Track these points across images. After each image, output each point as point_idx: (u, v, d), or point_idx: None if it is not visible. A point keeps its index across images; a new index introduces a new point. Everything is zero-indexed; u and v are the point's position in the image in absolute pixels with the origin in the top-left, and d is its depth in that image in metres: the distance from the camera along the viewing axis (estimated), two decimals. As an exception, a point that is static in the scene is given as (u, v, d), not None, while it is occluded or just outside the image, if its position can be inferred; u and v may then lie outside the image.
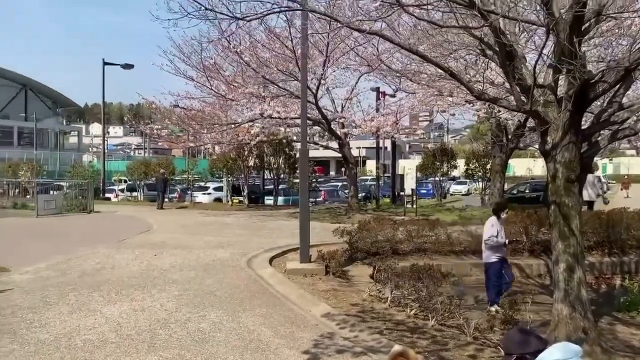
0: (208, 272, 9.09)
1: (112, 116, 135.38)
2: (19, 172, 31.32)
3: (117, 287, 7.78)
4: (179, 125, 21.53)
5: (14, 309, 6.58)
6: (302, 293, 7.73)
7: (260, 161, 24.12)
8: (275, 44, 16.10)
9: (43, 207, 19.58)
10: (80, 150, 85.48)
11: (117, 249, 11.61)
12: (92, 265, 9.59)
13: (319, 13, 7.33)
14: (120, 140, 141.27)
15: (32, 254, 11.03)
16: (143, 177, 31.16)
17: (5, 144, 71.09)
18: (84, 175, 29.30)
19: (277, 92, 17.09)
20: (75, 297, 7.22)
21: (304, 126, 9.64)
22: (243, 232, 14.64)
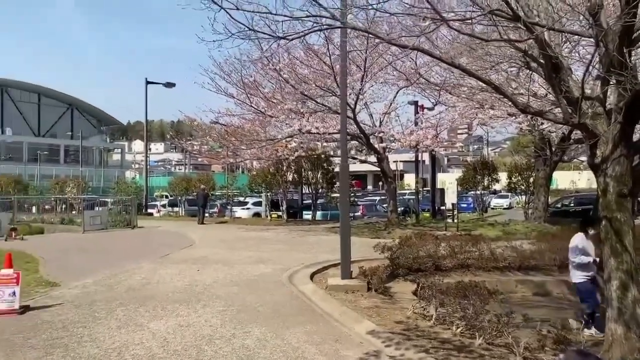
0: (250, 287, 9.14)
1: (153, 133, 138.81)
2: (66, 188, 32.41)
3: (162, 303, 7.91)
4: (219, 142, 21.90)
5: (64, 323, 6.77)
6: (344, 310, 7.68)
7: (299, 176, 24.29)
8: (313, 61, 16.27)
9: (89, 222, 20.18)
10: (124, 167, 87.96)
11: (161, 264, 11.83)
12: (137, 281, 9.79)
13: (360, 30, 7.36)
14: (161, 157, 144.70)
15: (80, 269, 11.35)
16: (184, 193, 31.79)
17: (52, 161, 73.86)
18: (128, 192, 30.15)
19: (315, 107, 17.25)
20: (122, 312, 7.37)
21: (343, 142, 9.65)
22: (283, 247, 14.70)
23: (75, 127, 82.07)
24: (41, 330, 6.44)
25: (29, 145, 74.29)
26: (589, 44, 11.68)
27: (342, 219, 9.65)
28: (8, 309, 7.17)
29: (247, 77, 17.35)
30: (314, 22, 6.94)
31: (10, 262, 7.53)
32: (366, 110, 18.30)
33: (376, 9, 5.76)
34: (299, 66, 16.09)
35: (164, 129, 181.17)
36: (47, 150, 75.96)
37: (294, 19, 6.83)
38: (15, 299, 7.22)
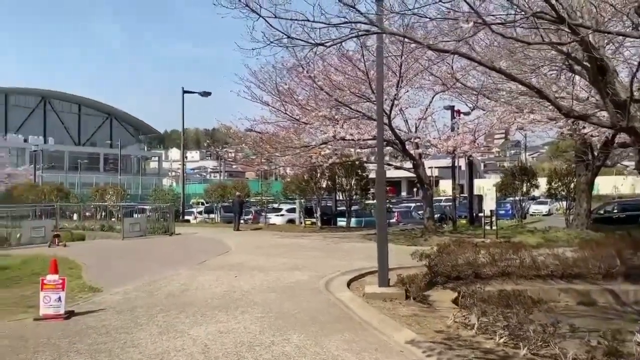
0: (287, 294, 9.15)
1: (189, 141, 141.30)
2: (106, 196, 33.20)
3: (202, 309, 7.99)
4: (254, 149, 22.10)
5: (107, 328, 6.89)
6: (383, 318, 7.59)
7: (333, 183, 24.27)
8: (347, 67, 16.26)
9: (128, 229, 20.61)
10: (161, 174, 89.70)
11: (199, 270, 11.97)
12: (176, 287, 9.92)
13: (399, 35, 7.31)
14: (197, 164, 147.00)
15: (121, 275, 11.58)
16: (220, 200, 32.17)
17: (92, 170, 75.93)
18: (165, 199, 30.67)
19: (349, 114, 17.22)
20: (163, 318, 7.47)
21: (380, 148, 9.58)
22: (318, 254, 14.68)
23: (114, 136, 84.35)
24: (86, 335, 6.57)
25: (70, 154, 76.59)
26: (634, 45, 11.32)
27: (379, 226, 9.57)
28: (54, 314, 7.35)
29: (281, 84, 17.47)
30: (351, 28, 6.93)
31: (55, 268, 7.73)
32: (401, 116, 18.19)
33: (415, 13, 5.72)
34: (333, 73, 16.10)
35: (200, 137, 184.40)
36: (87, 158, 78.17)
37: (331, 26, 6.84)
38: (61, 304, 7.40)
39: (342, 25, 6.82)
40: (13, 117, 75.60)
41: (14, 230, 19.87)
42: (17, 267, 13.09)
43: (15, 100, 77.33)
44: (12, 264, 13.34)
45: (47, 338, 6.44)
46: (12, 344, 6.21)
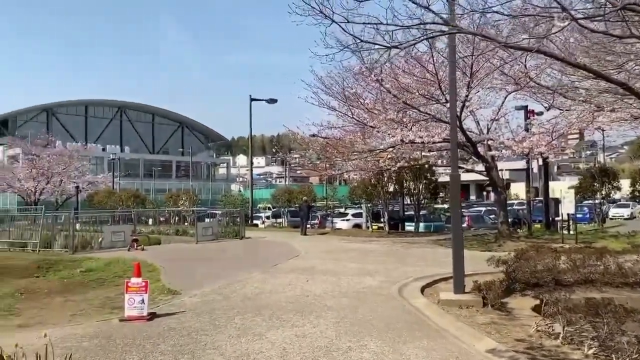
0: (360, 300, 9.09)
1: (255, 147, 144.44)
2: (179, 201, 34.43)
3: (277, 312, 8.08)
4: (321, 154, 22.22)
5: (188, 330, 7.10)
6: (461, 326, 7.38)
7: (400, 187, 23.97)
8: (416, 69, 16.03)
9: (201, 233, 21.24)
10: (229, 180, 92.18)
11: (271, 274, 12.15)
12: (251, 290, 10.10)
13: (475, 34, 7.11)
14: (263, 170, 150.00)
15: (197, 277, 11.94)
16: (286, 205, 32.59)
17: (165, 176, 79.13)
18: (235, 204, 31.44)
19: (418, 116, 16.97)
20: (240, 320, 7.61)
21: (454, 151, 9.36)
22: (387, 260, 14.53)
23: (185, 144, 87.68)
24: (168, 336, 6.80)
25: (144, 161, 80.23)
26: None
27: (454, 231, 9.33)
28: (138, 316, 7.67)
29: (347, 89, 17.48)
30: (425, 29, 6.82)
31: (139, 271, 8.06)
32: (472, 118, 17.72)
33: (495, 11, 5.53)
34: (400, 75, 15.93)
35: (265, 144, 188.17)
36: (161, 166, 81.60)
37: (404, 28, 6.77)
38: (144, 306, 7.71)
39: (414, 27, 6.73)
40: (92, 128, 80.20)
41: (96, 235, 20.99)
42: (101, 269, 13.80)
43: (94, 111, 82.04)
44: (96, 267, 14.08)
45: (133, 339, 6.72)
46: (101, 344, 6.52)
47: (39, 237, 19.28)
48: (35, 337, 6.78)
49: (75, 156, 41.24)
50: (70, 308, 9.32)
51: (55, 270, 14.55)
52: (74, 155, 41.31)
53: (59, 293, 10.99)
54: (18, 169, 39.68)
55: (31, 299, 10.62)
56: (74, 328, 7.42)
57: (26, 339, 6.60)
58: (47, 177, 38.19)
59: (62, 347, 6.21)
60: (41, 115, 75.95)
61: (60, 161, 39.25)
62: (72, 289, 11.39)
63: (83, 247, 19.08)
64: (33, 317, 8.66)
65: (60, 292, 11.15)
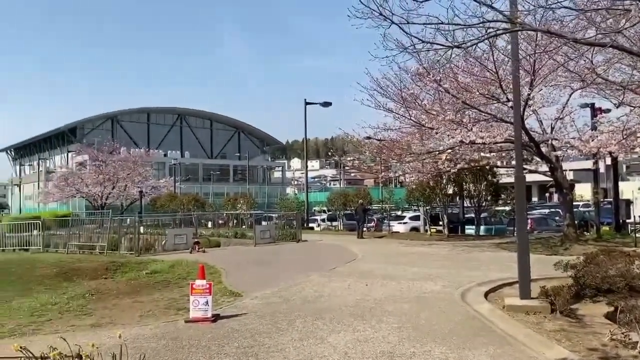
0: (421, 304, 8.94)
1: (309, 151, 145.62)
2: (237, 205, 35.11)
3: (337, 316, 8.06)
4: (378, 156, 22.08)
5: (252, 332, 7.20)
6: (528, 332, 7.11)
7: (460, 189, 23.45)
8: (475, 68, 15.66)
9: (260, 236, 21.57)
10: (284, 183, 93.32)
11: (329, 277, 12.15)
12: (310, 293, 10.14)
13: (541, 31, 6.84)
14: (317, 173, 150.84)
15: (258, 280, 12.11)
16: (342, 207, 32.56)
17: (223, 180, 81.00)
18: (291, 207, 31.72)
19: (478, 116, 16.56)
20: (301, 324, 7.64)
21: (518, 151, 9.05)
22: (448, 264, 14.23)
23: (242, 148, 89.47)
24: (232, 338, 6.91)
25: (203, 166, 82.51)
26: None
27: (519, 234, 9.02)
28: (202, 317, 7.84)
29: (405, 90, 17.28)
30: (488, 27, 6.63)
31: (203, 273, 8.26)
32: (535, 117, 17.07)
33: (563, 6, 5.30)
34: (460, 75, 15.59)
35: (319, 147, 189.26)
36: (219, 170, 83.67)
37: (467, 27, 6.60)
38: (208, 308, 7.88)
39: (476, 25, 6.55)
40: (154, 134, 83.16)
41: (159, 237, 21.72)
42: (165, 271, 14.25)
43: (155, 118, 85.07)
44: (161, 269, 14.55)
45: (198, 340, 6.87)
46: (169, 345, 6.70)
47: (106, 240, 20.14)
48: (106, 337, 7.08)
49: (138, 162, 42.85)
50: (138, 309, 9.66)
51: (122, 272, 15.17)
52: (138, 161, 42.93)
53: (127, 294, 11.43)
54: (86, 175, 41.62)
55: (101, 299, 11.09)
56: (142, 328, 7.68)
57: (99, 338, 6.89)
58: (113, 182, 39.88)
59: (132, 347, 6.42)
60: (106, 123, 79.47)
61: (124, 167, 40.91)
62: (139, 290, 11.81)
63: (147, 250, 19.80)
64: (104, 317, 9.03)
65: (128, 293, 11.58)
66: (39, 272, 16.43)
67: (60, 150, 78.89)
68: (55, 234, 24.08)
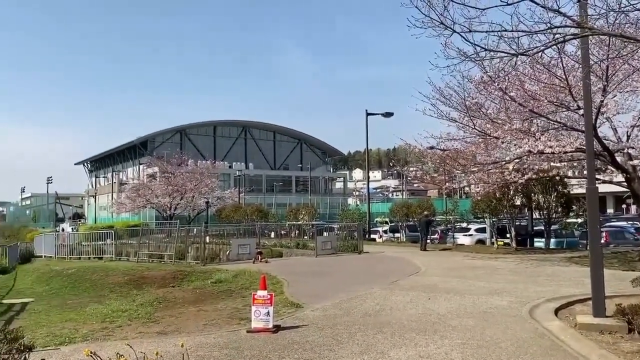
0: (487, 320, 8.62)
1: (371, 161, 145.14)
2: (299, 215, 35.44)
3: (399, 330, 7.92)
4: (441, 166, 21.67)
5: (312, 344, 7.19)
6: (603, 353, 6.69)
7: (528, 200, 22.57)
8: (542, 75, 15.06)
9: (321, 247, 21.64)
10: (346, 194, 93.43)
11: (390, 290, 11.98)
12: (371, 306, 10.02)
13: (614, 36, 6.50)
14: (379, 184, 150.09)
15: (318, 291, 12.12)
16: (404, 219, 32.14)
17: (285, 191, 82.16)
18: (352, 218, 31.65)
19: (546, 125, 15.92)
20: (362, 337, 7.56)
21: (590, 162, 8.60)
22: (516, 278, 13.69)
23: (304, 160, 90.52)
24: (292, 350, 6.92)
25: (266, 177, 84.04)
26: None
27: (593, 248, 8.54)
28: (264, 328, 7.92)
29: (468, 99, 16.87)
30: (555, 33, 6.38)
31: (265, 284, 8.35)
32: (609, 124, 16.18)
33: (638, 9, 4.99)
34: (526, 82, 15.05)
35: (381, 157, 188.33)
36: (281, 181, 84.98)
37: (532, 33, 6.38)
38: (269, 319, 7.95)
39: (542, 32, 6.32)
40: (220, 146, 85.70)
41: (224, 247, 22.24)
42: (229, 280, 14.55)
43: (221, 131, 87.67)
44: (225, 278, 14.87)
45: (259, 350, 6.93)
46: (231, 354, 6.80)
47: (174, 250, 20.86)
48: (171, 345, 7.28)
49: (205, 173, 44.22)
50: (202, 317, 9.89)
51: (188, 280, 15.63)
52: (204, 173, 44.32)
53: (192, 303, 11.75)
54: (156, 186, 43.36)
55: (168, 307, 11.46)
56: (205, 337, 7.84)
57: (164, 346, 7.10)
58: (181, 193, 41.33)
59: (195, 355, 6.57)
60: (175, 136, 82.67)
61: (192, 178, 42.31)
62: (204, 299, 12.11)
63: (212, 259, 20.30)
64: (170, 325, 9.31)
65: (193, 302, 11.90)
66: (111, 280, 17.25)
67: (132, 163, 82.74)
68: (127, 243, 25.23)
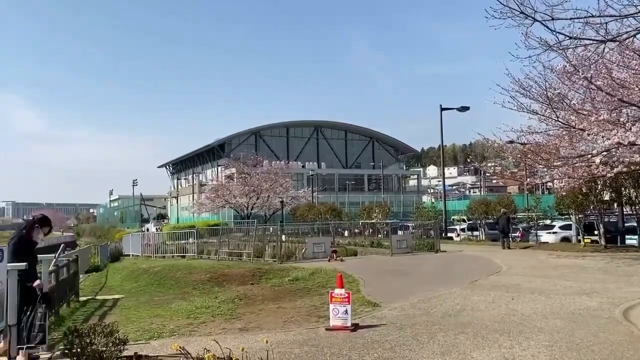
0: (576, 322, 8.18)
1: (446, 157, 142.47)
2: (372, 214, 35.27)
3: (481, 331, 7.68)
4: (522, 161, 20.83)
5: (391, 344, 7.12)
6: None
7: (618, 195, 21.20)
8: (632, 61, 14.08)
9: (396, 246, 21.43)
10: (420, 192, 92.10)
11: (471, 289, 11.65)
12: (451, 306, 9.79)
13: None
14: (455, 180, 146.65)
15: (395, 290, 12.01)
16: (483, 216, 31.18)
17: (358, 190, 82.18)
18: (427, 216, 31.11)
19: (637, 114, 14.88)
20: (443, 337, 7.39)
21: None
22: (606, 278, 12.92)
23: (376, 158, 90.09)
24: (372, 349, 6.89)
25: (339, 176, 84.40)
26: None
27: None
28: (342, 326, 7.94)
29: (550, 90, 16.07)
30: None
31: (342, 282, 8.37)
32: None
33: None
34: (615, 70, 14.13)
35: (456, 153, 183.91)
36: (353, 180, 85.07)
37: (622, 17, 5.99)
38: (347, 317, 7.96)
39: (633, 15, 5.92)
40: (293, 146, 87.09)
41: (299, 246, 22.55)
42: (306, 279, 14.73)
43: (294, 132, 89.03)
44: (301, 276, 15.07)
45: (339, 348, 6.95)
46: (311, 351, 6.87)
47: (252, 248, 21.41)
48: (253, 341, 7.47)
49: (279, 173, 45.12)
50: (281, 314, 10.08)
51: (266, 278, 15.98)
52: (279, 173, 45.24)
53: (271, 300, 12.00)
54: (233, 187, 44.71)
55: (248, 304, 11.77)
56: (286, 334, 7.98)
57: (247, 342, 7.30)
58: (257, 193, 42.37)
59: (276, 352, 6.69)
60: (250, 138, 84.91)
61: (267, 179, 43.27)
62: (282, 297, 12.33)
63: (288, 257, 20.64)
64: (251, 322, 9.56)
65: (272, 299, 12.16)
66: (194, 277, 17.98)
67: (211, 165, 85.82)
68: (208, 241, 26.19)
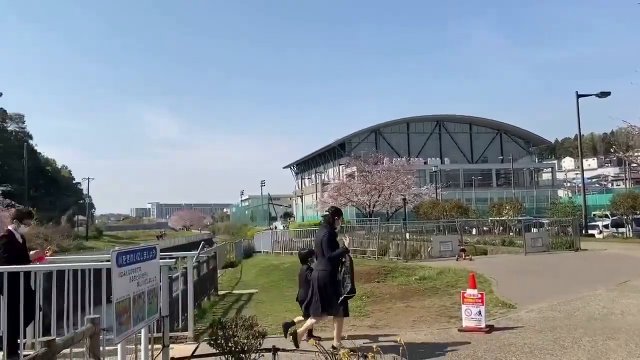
0: None
1: (584, 148, 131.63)
2: (502, 210, 33.59)
3: (635, 338, 6.95)
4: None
5: (530, 347, 6.70)
6: None
7: None
8: None
9: (530, 244, 20.19)
10: (555, 186, 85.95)
11: (620, 292, 10.63)
12: (597, 309, 9.00)
13: None
14: (594, 173, 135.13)
15: (531, 291, 11.31)
16: (630, 211, 28.35)
17: (484, 185, 78.78)
18: (565, 212, 28.96)
19: None
20: (589, 342, 6.82)
21: None
22: None
23: (504, 151, 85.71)
24: (509, 352, 6.54)
25: (464, 171, 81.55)
26: None
27: None
28: (475, 327, 7.64)
29: None
30: None
31: (474, 282, 8.06)
32: None
33: None
34: None
35: (595, 143, 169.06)
36: (480, 175, 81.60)
37: None
38: (481, 318, 7.64)
39: None
40: (414, 143, 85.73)
41: (424, 244, 22.11)
42: (433, 278, 14.39)
43: (414, 127, 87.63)
44: (429, 275, 14.75)
45: (473, 350, 6.69)
46: (443, 352, 6.70)
47: (376, 246, 21.41)
48: (384, 339, 7.45)
49: (401, 170, 44.67)
50: (410, 313, 9.94)
51: (392, 276, 15.87)
52: (400, 170, 44.80)
53: (399, 299, 11.89)
54: (355, 185, 45.13)
55: (376, 302, 11.76)
56: (416, 333, 7.86)
57: (378, 339, 7.29)
58: (379, 191, 42.34)
59: (410, 351, 6.60)
60: (370, 136, 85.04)
61: (388, 176, 43.07)
62: (410, 296, 12.17)
63: (413, 256, 20.33)
64: (380, 320, 9.54)
65: (400, 297, 12.04)
66: (320, 274, 18.31)
67: (332, 164, 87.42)
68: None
